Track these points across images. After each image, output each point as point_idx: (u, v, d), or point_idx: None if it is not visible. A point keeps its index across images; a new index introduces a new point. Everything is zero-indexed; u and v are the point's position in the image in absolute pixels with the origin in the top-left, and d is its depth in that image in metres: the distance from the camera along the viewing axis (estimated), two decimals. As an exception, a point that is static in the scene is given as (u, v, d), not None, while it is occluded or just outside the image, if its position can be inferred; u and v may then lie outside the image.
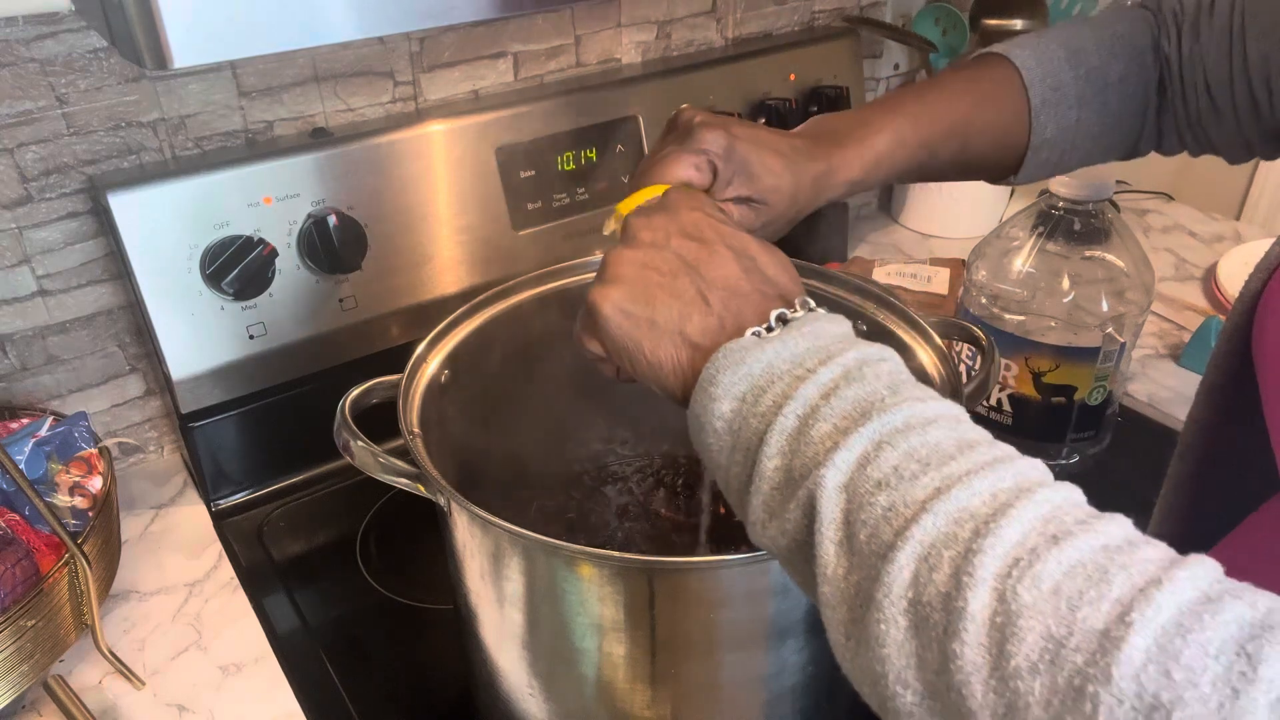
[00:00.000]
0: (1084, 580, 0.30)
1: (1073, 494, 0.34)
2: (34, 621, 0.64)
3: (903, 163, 0.60)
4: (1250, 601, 0.28)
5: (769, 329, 0.41)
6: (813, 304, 0.43)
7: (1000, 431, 0.89)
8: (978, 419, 0.97)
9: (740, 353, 0.40)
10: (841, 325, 0.42)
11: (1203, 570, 0.30)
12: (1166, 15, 0.63)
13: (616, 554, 0.52)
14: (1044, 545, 0.31)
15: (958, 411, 0.38)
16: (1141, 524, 0.33)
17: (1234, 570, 0.31)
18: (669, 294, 0.43)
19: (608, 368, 0.48)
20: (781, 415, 0.38)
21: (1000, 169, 0.65)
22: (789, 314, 0.42)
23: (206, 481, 0.88)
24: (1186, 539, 0.61)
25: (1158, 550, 0.31)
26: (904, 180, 0.64)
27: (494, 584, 0.58)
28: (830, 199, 0.60)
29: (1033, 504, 0.32)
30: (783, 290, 0.44)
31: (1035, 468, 0.35)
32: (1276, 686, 0.26)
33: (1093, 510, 0.33)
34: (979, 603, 0.30)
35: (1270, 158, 0.63)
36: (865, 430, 0.36)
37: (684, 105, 0.59)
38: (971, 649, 0.30)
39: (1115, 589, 0.29)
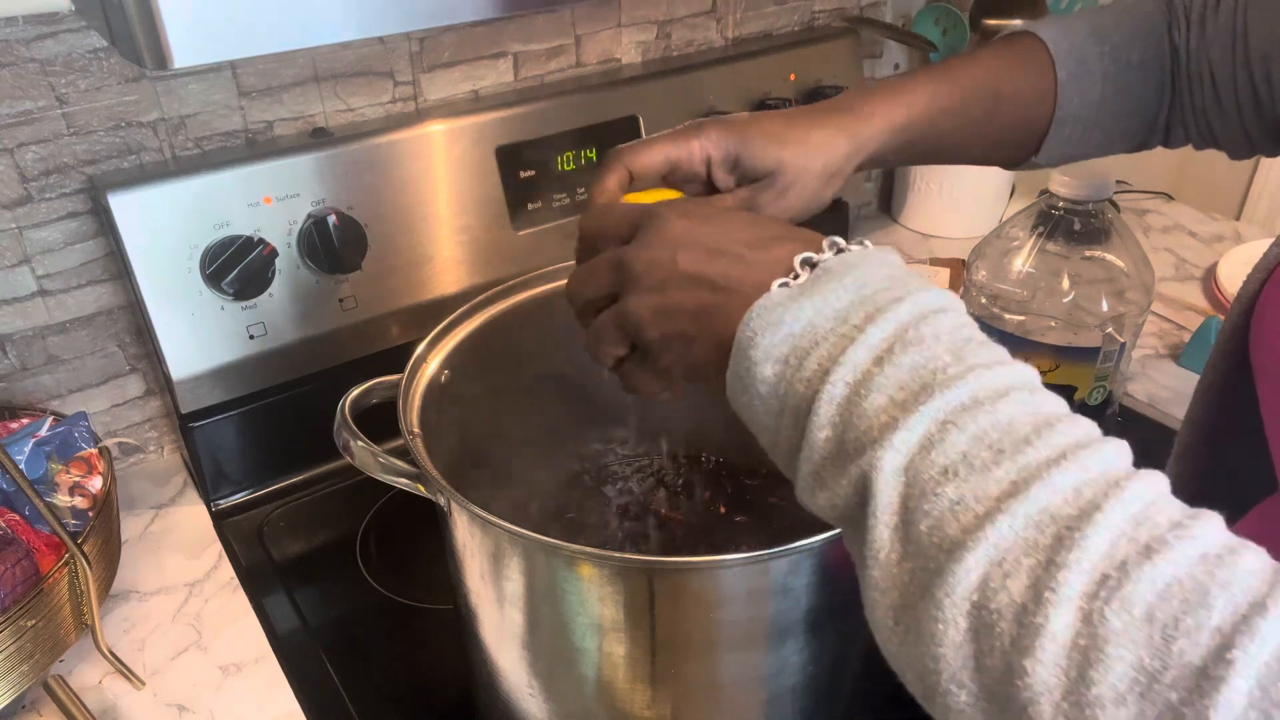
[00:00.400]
0: (1180, 604, 0.28)
1: (1160, 485, 0.31)
2: (34, 621, 0.64)
3: (929, 122, 0.59)
4: None
5: (795, 277, 0.39)
6: (842, 243, 0.40)
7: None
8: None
9: (777, 310, 0.37)
10: (884, 266, 0.38)
11: None
12: (1178, 7, 0.64)
13: (616, 554, 0.52)
14: (1135, 558, 0.29)
15: (1030, 377, 0.35)
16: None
17: None
18: (690, 287, 0.42)
19: (652, 372, 0.46)
20: (829, 383, 0.35)
21: (1022, 146, 0.65)
22: (815, 257, 0.39)
23: (206, 481, 0.88)
24: None
25: (1258, 559, 0.29)
26: (937, 150, 0.62)
27: (494, 584, 0.58)
28: (871, 154, 0.58)
29: (1121, 503, 0.30)
30: (804, 236, 0.41)
31: (1120, 452, 0.33)
32: None
33: (1182, 505, 0.31)
34: (1061, 623, 0.29)
35: (1271, 154, 0.63)
36: (927, 408, 0.33)
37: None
38: (1046, 669, 0.29)
39: (1216, 615, 0.27)
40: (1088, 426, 0.34)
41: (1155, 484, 0.31)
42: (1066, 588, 0.29)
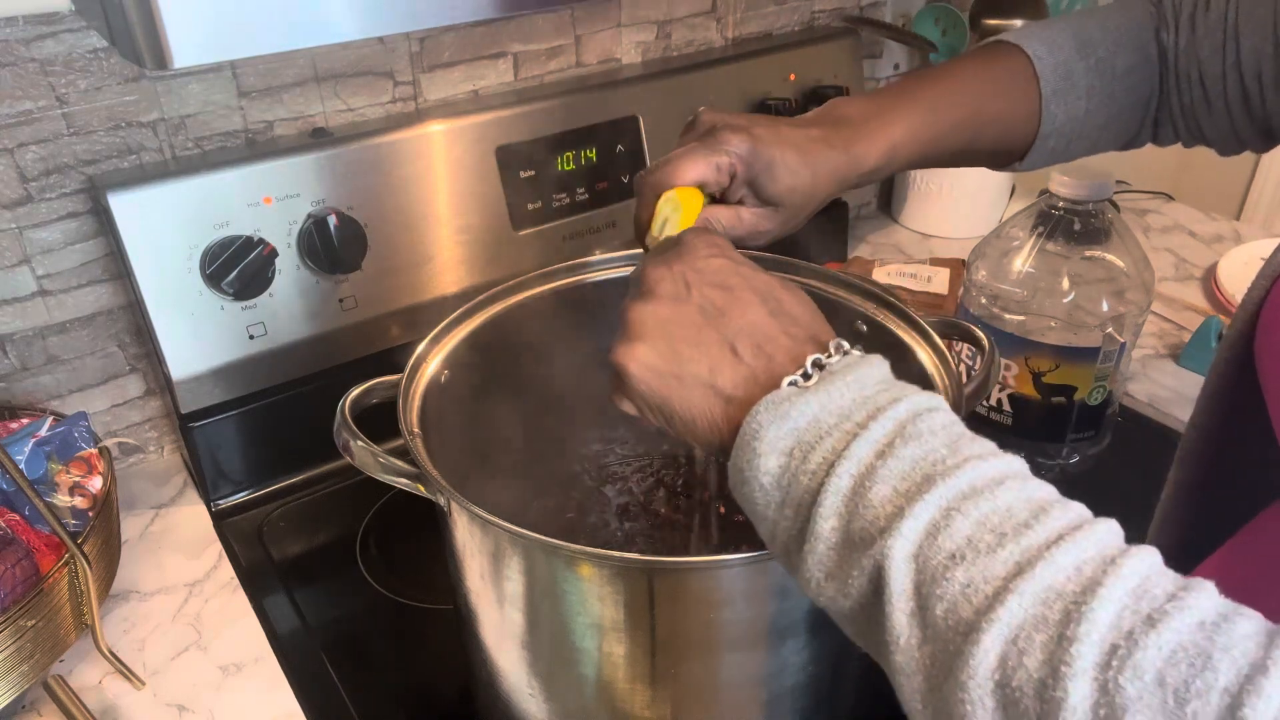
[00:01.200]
0: (1187, 667, 0.29)
1: (1153, 559, 0.33)
2: (34, 621, 0.64)
3: (915, 152, 0.60)
4: None
5: (805, 376, 0.40)
6: (847, 346, 0.42)
7: (1000, 432, 0.89)
8: (978, 419, 0.97)
9: (784, 405, 0.39)
10: (880, 368, 0.41)
11: None
12: (1166, 7, 0.64)
13: (616, 554, 0.52)
14: (1140, 628, 0.30)
15: (1019, 467, 0.37)
16: (1141, 527, 0.33)
17: (1234, 579, 0.31)
18: (695, 347, 0.42)
19: (646, 422, 0.47)
20: (835, 475, 0.37)
21: (1006, 156, 0.66)
22: (823, 359, 0.41)
23: (206, 481, 0.88)
24: (1186, 545, 0.61)
25: (1252, 623, 0.30)
26: (916, 166, 0.64)
27: (494, 584, 0.58)
28: (848, 188, 0.60)
29: (1120, 578, 0.31)
30: (813, 332, 0.43)
31: (1111, 530, 0.34)
32: None
33: (1176, 576, 0.32)
34: (1079, 694, 0.30)
35: (1261, 150, 0.64)
36: (930, 497, 0.35)
37: (702, 108, 0.58)
38: None
39: (1222, 677, 0.29)
40: (1079, 509, 0.35)
41: (1149, 559, 0.33)
42: (1080, 660, 0.30)
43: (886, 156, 0.59)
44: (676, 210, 0.54)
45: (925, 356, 0.67)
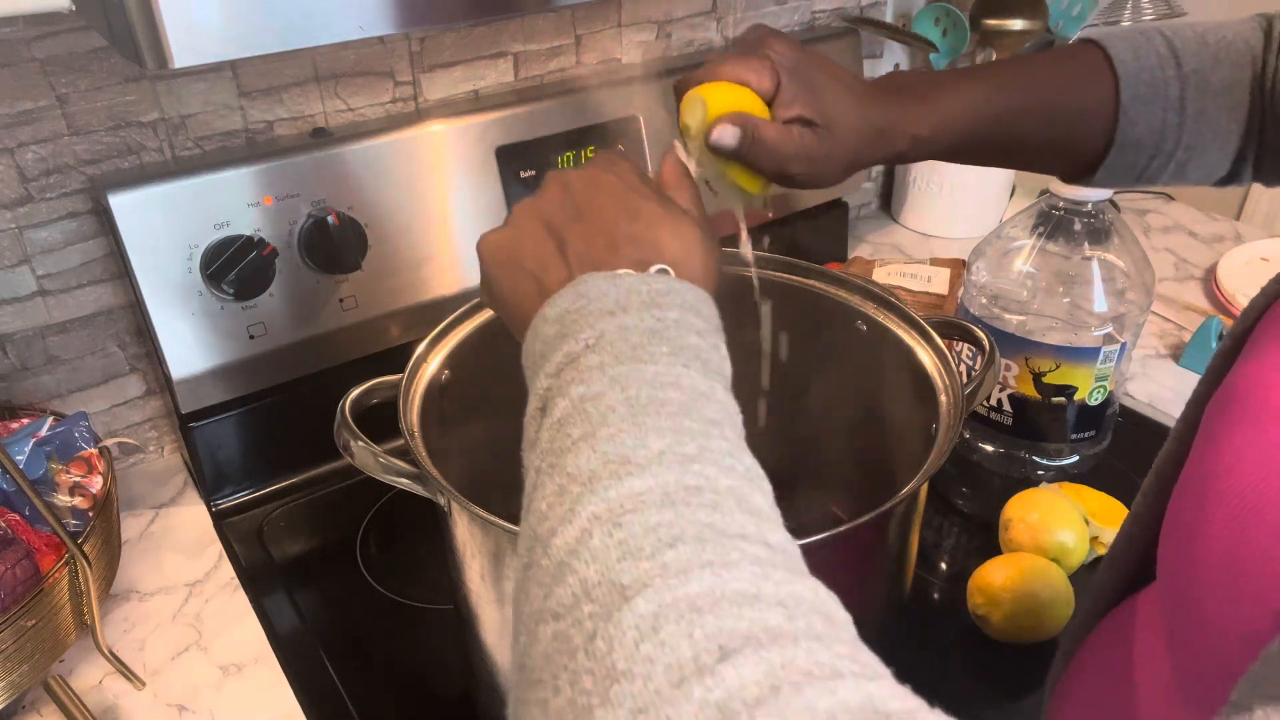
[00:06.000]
0: None
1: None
2: (34, 621, 0.64)
3: (973, 131, 0.56)
4: None
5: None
6: (668, 270, 0.41)
7: (1000, 432, 0.89)
8: (978, 419, 0.96)
9: (562, 295, 0.40)
10: (648, 313, 0.38)
11: None
12: (1276, 25, 0.57)
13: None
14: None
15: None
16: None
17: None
18: (538, 243, 0.44)
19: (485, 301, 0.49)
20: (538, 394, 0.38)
21: (1077, 165, 0.60)
22: (620, 272, 0.40)
23: (206, 481, 0.88)
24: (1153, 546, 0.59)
25: None
26: (973, 154, 0.59)
27: (494, 584, 0.58)
28: (894, 153, 0.56)
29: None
30: (648, 255, 0.42)
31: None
32: None
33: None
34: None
35: None
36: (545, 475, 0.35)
37: (756, 23, 0.56)
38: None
39: None
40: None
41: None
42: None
43: (941, 125, 0.55)
44: (702, 105, 0.52)
45: (925, 356, 0.67)
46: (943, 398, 0.64)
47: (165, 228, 0.77)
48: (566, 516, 0.30)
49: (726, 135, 0.50)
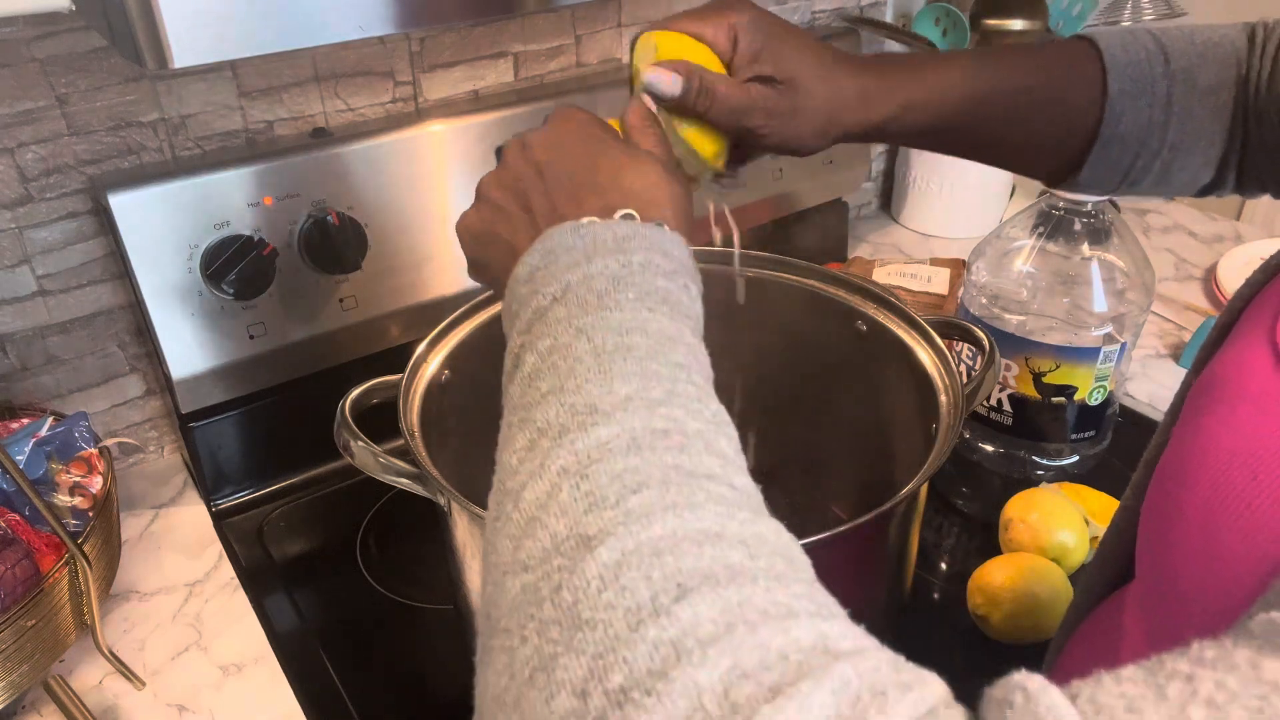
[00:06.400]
0: None
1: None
2: (34, 621, 0.64)
3: (959, 108, 0.55)
4: None
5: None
6: (633, 215, 0.41)
7: (1000, 431, 0.89)
8: (978, 419, 0.96)
9: (531, 254, 0.40)
10: (605, 260, 0.38)
11: None
12: (1259, 32, 0.57)
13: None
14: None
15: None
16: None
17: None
18: (504, 214, 0.45)
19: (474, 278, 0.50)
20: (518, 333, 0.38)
21: (1061, 161, 0.59)
22: (584, 222, 0.40)
23: (206, 481, 0.88)
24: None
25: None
26: (957, 136, 0.57)
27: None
28: (875, 121, 0.54)
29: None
30: (613, 201, 0.42)
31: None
32: None
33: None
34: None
35: None
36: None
37: None
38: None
39: None
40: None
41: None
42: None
43: (928, 97, 0.54)
44: (653, 50, 0.51)
45: (925, 356, 0.67)
46: (943, 398, 0.64)
47: (165, 228, 0.77)
48: (536, 471, 0.31)
49: (664, 81, 0.50)
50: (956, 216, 1.28)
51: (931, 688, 0.24)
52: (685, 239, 0.42)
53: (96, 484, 0.74)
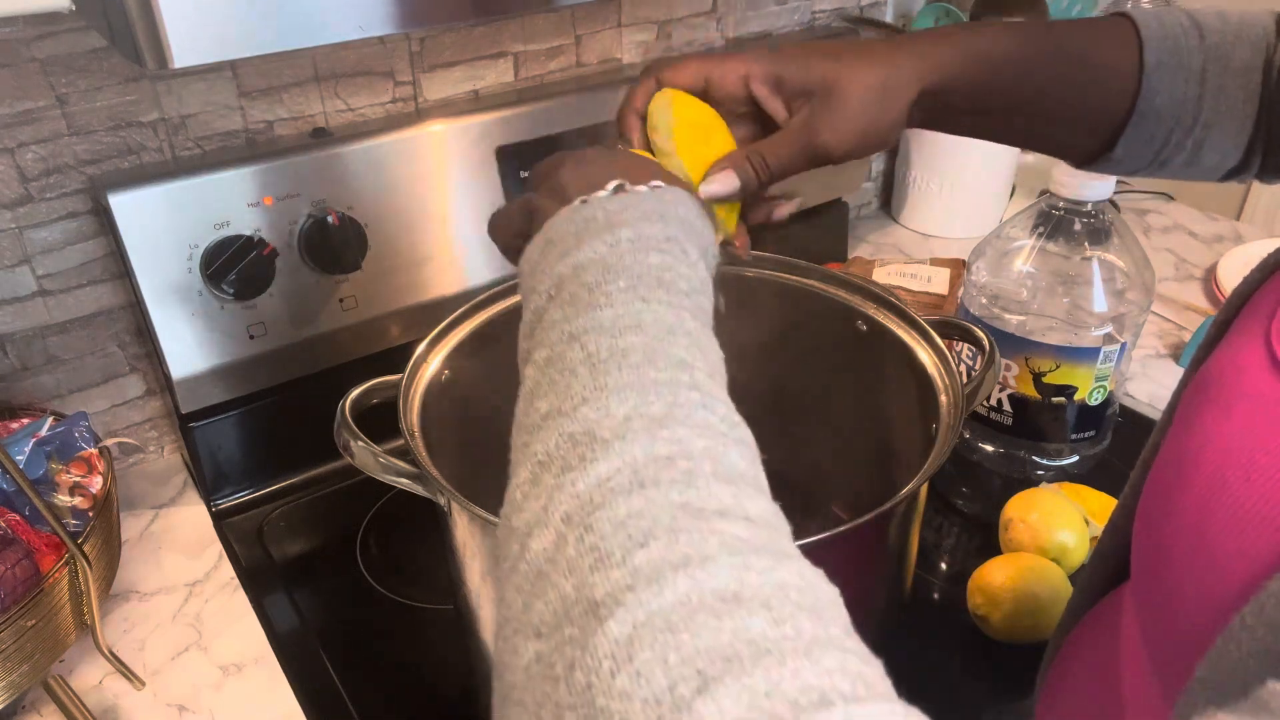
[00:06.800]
0: None
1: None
2: (34, 621, 0.64)
3: (997, 74, 0.54)
4: None
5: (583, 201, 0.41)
6: (624, 185, 0.41)
7: (1000, 431, 0.89)
8: (978, 419, 0.96)
9: (531, 248, 0.40)
10: (599, 239, 0.38)
11: None
12: None
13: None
14: None
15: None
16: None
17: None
18: (525, 216, 0.45)
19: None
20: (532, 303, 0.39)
21: (1096, 138, 0.58)
22: (577, 202, 0.40)
23: (206, 481, 0.88)
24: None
25: None
26: (991, 104, 0.55)
27: (494, 584, 0.58)
28: (941, 79, 0.52)
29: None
30: (603, 180, 0.42)
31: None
32: None
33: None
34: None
35: None
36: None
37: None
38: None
39: None
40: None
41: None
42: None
43: (972, 58, 0.53)
44: (669, 121, 0.51)
45: (925, 356, 0.67)
46: (943, 398, 0.64)
47: (165, 228, 0.77)
48: (541, 517, 0.29)
49: (721, 185, 0.50)
50: (956, 216, 1.28)
51: None
52: (684, 194, 0.41)
53: (96, 484, 0.74)
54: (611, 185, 0.40)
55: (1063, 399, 0.86)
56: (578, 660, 0.25)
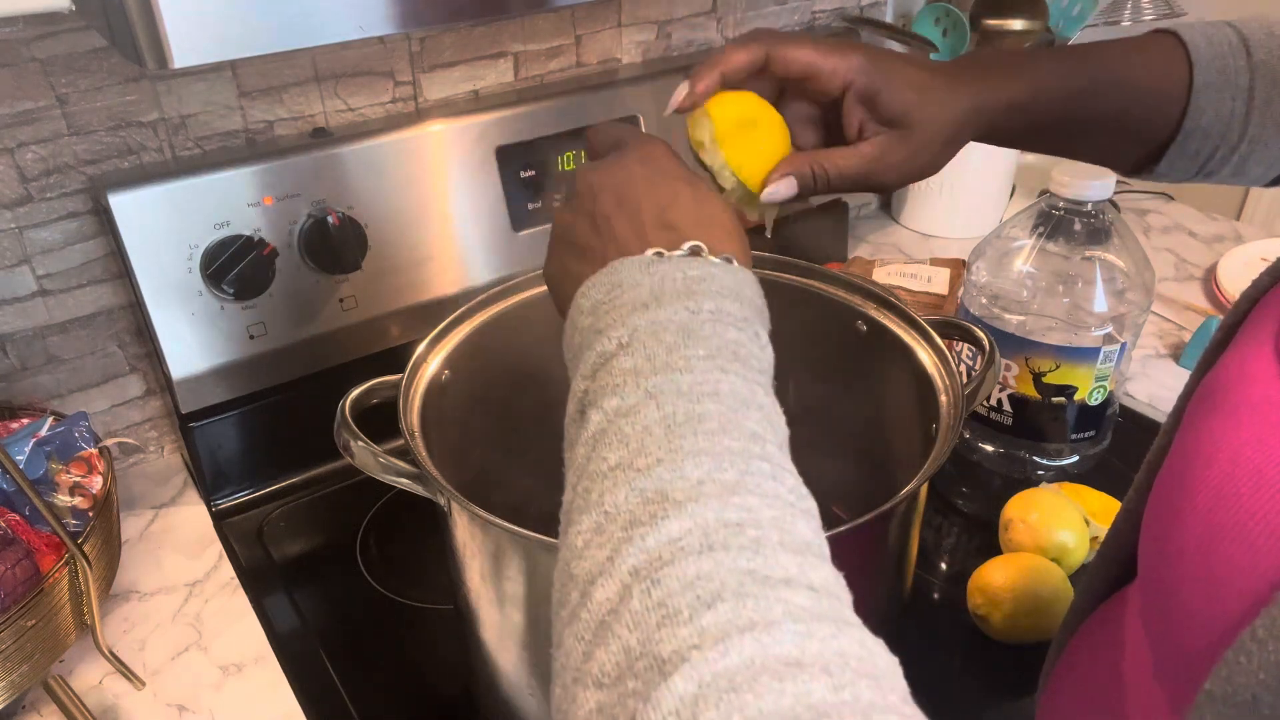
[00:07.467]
0: None
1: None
2: (34, 621, 0.64)
3: (1062, 97, 0.55)
4: None
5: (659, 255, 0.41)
6: (702, 248, 0.41)
7: (1000, 431, 0.89)
8: (978, 419, 0.96)
9: (596, 284, 0.40)
10: (667, 307, 0.37)
11: None
12: None
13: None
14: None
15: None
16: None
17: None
18: (578, 258, 0.44)
19: None
20: (584, 359, 0.38)
21: (1142, 153, 0.59)
22: (650, 256, 0.40)
23: (206, 481, 0.88)
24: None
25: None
26: (1054, 129, 0.57)
27: (494, 584, 0.58)
28: (988, 129, 0.54)
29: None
30: (682, 235, 0.42)
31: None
32: None
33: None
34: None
35: None
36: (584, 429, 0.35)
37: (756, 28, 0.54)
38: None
39: None
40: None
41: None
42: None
43: (1031, 90, 0.54)
44: (706, 118, 0.50)
45: (925, 356, 0.67)
46: (943, 398, 0.64)
47: (165, 228, 0.77)
48: (605, 567, 0.30)
49: (783, 190, 0.51)
50: (956, 216, 1.28)
51: None
52: (753, 276, 0.41)
53: (96, 484, 0.74)
54: (687, 246, 0.40)
55: (1063, 399, 0.86)
56: (640, 713, 0.26)
